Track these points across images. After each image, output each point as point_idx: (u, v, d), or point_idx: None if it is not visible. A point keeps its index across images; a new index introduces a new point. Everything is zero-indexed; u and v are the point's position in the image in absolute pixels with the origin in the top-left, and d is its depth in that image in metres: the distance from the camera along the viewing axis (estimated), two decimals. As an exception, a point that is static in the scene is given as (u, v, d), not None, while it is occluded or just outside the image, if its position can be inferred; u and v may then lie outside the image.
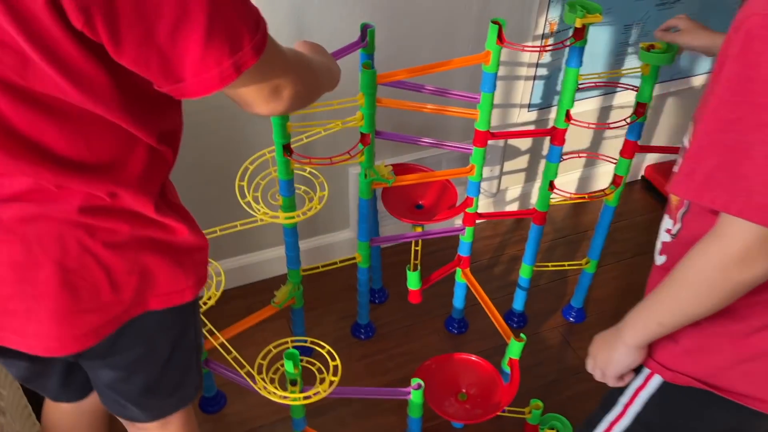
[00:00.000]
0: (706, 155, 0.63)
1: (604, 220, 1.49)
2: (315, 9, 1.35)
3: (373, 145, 1.23)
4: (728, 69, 0.61)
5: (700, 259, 0.66)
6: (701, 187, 0.63)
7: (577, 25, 1.14)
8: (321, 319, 1.69)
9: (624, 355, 0.79)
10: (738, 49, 0.60)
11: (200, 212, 1.56)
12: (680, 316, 0.71)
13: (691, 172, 0.64)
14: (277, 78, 0.67)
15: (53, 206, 0.66)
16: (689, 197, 0.66)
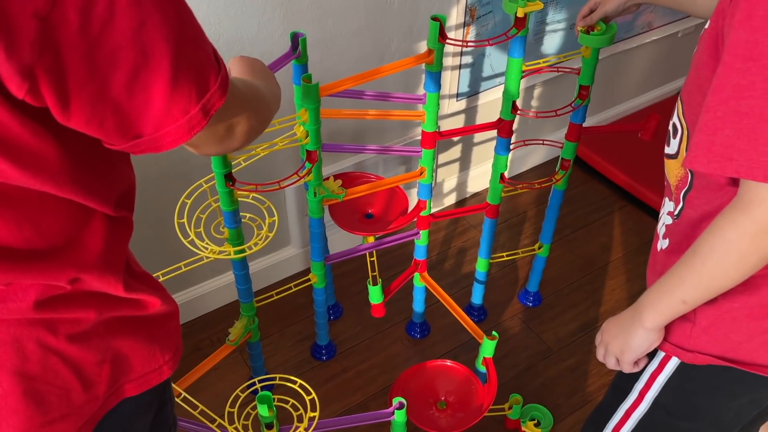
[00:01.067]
0: (722, 125, 0.61)
1: (554, 204, 1.49)
2: (231, 19, 1.24)
3: (320, 161, 1.14)
4: (733, 36, 0.60)
5: (727, 229, 0.64)
6: (721, 158, 0.61)
7: (518, 15, 1.10)
8: (277, 345, 1.59)
9: (643, 339, 0.77)
10: (742, 16, 0.59)
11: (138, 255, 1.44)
12: (704, 291, 0.70)
13: (709, 143, 0.62)
14: (232, 116, 0.58)
15: (3, 307, 0.54)
16: (710, 170, 0.63)
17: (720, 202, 0.70)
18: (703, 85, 0.66)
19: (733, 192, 0.67)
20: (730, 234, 0.64)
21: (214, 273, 1.62)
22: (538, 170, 2.11)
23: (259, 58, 1.30)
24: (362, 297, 1.69)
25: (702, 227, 0.72)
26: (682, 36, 2.15)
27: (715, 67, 0.63)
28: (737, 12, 0.60)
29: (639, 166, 2.00)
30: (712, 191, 0.71)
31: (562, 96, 1.94)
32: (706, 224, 0.71)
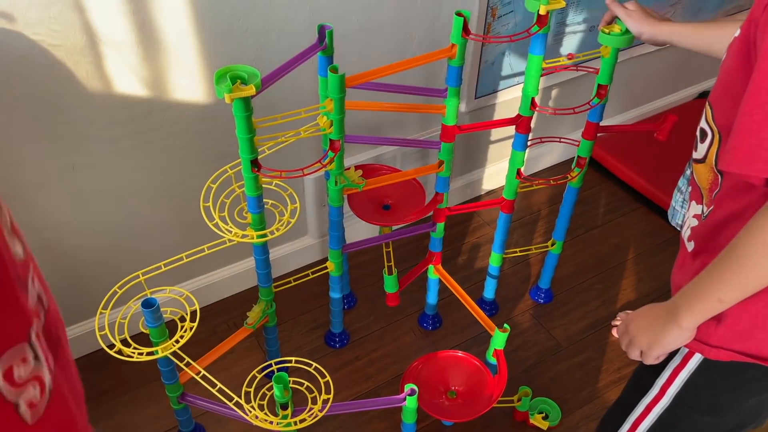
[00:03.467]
0: (758, 128, 0.63)
1: (568, 201, 1.50)
2: (258, 12, 1.27)
3: (343, 151, 1.17)
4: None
5: (765, 229, 0.66)
6: (759, 160, 0.64)
7: (541, 12, 1.13)
8: (292, 332, 1.63)
9: (676, 336, 0.78)
10: None
11: (161, 239, 1.48)
12: (742, 290, 0.71)
13: (748, 146, 0.64)
14: None
15: None
16: (748, 171, 0.65)
17: (747, 201, 0.72)
18: (735, 91, 0.68)
19: (762, 191, 0.69)
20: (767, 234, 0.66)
21: (232, 259, 1.65)
22: (555, 169, 2.13)
23: (285, 50, 1.34)
24: (376, 288, 1.72)
25: (729, 228, 0.75)
26: (701, 41, 2.16)
27: (747, 73, 0.65)
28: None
29: (653, 169, 2.01)
30: (741, 192, 0.73)
31: (581, 97, 1.95)
32: (733, 224, 0.73)
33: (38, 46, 1.10)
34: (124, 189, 1.36)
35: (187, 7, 1.19)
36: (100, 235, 1.40)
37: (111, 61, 1.18)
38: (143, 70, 1.22)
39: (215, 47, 1.27)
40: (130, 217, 1.41)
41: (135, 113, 1.27)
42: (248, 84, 0.96)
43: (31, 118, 1.17)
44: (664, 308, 0.80)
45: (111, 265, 1.44)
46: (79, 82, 1.18)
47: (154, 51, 1.21)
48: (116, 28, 1.15)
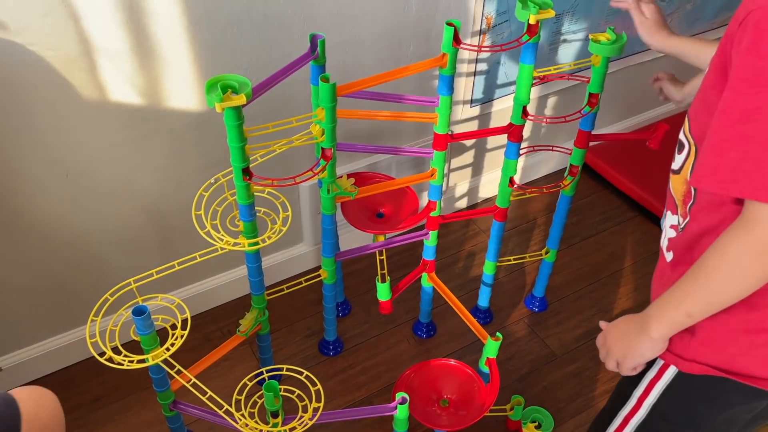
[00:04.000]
0: (729, 147, 0.64)
1: (561, 209, 1.51)
2: (252, 22, 1.28)
3: (335, 159, 1.18)
4: (741, 62, 0.63)
5: (731, 247, 0.67)
6: (727, 179, 0.64)
7: (531, 22, 1.13)
8: (285, 339, 1.63)
9: (648, 347, 0.79)
10: (749, 41, 0.62)
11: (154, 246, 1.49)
12: (709, 305, 0.72)
13: (715, 165, 0.65)
14: None
15: None
16: (716, 190, 0.66)
17: (722, 216, 0.72)
18: (710, 105, 0.69)
19: (734, 207, 0.70)
20: (734, 252, 0.67)
21: (225, 267, 1.66)
22: (551, 177, 2.13)
23: (279, 59, 1.35)
24: (370, 296, 1.73)
25: (704, 241, 0.75)
26: (697, 50, 2.16)
27: (722, 88, 0.66)
28: (744, 38, 0.62)
29: (650, 177, 2.02)
30: (714, 206, 0.73)
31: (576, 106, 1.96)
32: (708, 238, 0.73)
33: (33, 54, 1.11)
34: (117, 196, 1.37)
35: (181, 16, 1.20)
36: (92, 242, 1.40)
37: (105, 70, 1.19)
38: (137, 78, 1.23)
39: (208, 56, 1.28)
40: (123, 224, 1.42)
41: (129, 121, 1.28)
42: (239, 93, 0.97)
43: (25, 125, 1.18)
44: (637, 319, 0.81)
45: (103, 272, 1.44)
46: (74, 90, 1.18)
47: (149, 59, 1.22)
48: (110, 36, 1.16)
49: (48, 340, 1.50)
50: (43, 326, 1.48)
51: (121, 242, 1.44)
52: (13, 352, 1.47)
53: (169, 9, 1.18)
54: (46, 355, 1.50)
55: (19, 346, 1.47)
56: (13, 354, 1.47)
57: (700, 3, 2.02)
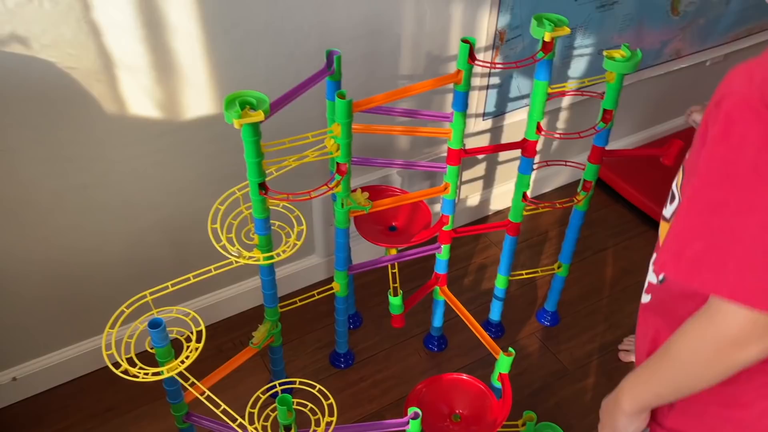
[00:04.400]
0: (693, 237, 0.62)
1: (574, 224, 1.51)
2: (269, 38, 1.29)
3: (349, 174, 1.19)
4: (711, 150, 0.61)
5: (694, 339, 0.66)
6: (690, 269, 0.63)
7: (546, 39, 1.14)
8: (297, 351, 1.63)
9: (626, 422, 0.79)
10: (720, 130, 0.60)
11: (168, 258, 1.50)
12: (677, 390, 0.72)
13: (679, 252, 0.63)
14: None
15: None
16: (678, 279, 0.65)
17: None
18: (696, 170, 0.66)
19: None
20: (697, 343, 0.66)
21: (237, 278, 1.67)
22: (562, 191, 2.13)
23: (295, 73, 1.36)
24: (382, 308, 1.73)
25: (681, 303, 0.73)
26: (710, 64, 2.17)
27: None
28: (716, 125, 0.60)
29: (661, 191, 2.01)
30: None
31: (587, 119, 1.96)
32: (686, 302, 0.71)
33: (55, 69, 1.13)
34: (133, 208, 1.38)
35: (200, 32, 1.21)
36: (109, 253, 1.41)
37: (125, 84, 1.20)
38: (156, 92, 1.24)
39: (226, 71, 1.29)
40: (139, 236, 1.43)
41: (147, 134, 1.29)
42: (257, 109, 0.98)
43: (45, 138, 1.20)
44: (614, 393, 0.81)
45: (119, 283, 1.45)
46: (94, 103, 1.20)
47: (167, 74, 1.23)
48: (130, 51, 1.17)
49: (61, 350, 1.51)
50: (56, 336, 1.49)
51: (135, 254, 1.45)
52: (27, 362, 1.48)
53: (189, 25, 1.20)
54: (59, 365, 1.51)
55: (33, 355, 1.48)
56: (27, 363, 1.48)
57: (713, 18, 2.02)
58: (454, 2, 1.48)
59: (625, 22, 1.82)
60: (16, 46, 1.07)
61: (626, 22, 1.82)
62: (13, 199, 1.24)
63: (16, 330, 1.42)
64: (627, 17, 1.81)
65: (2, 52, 1.07)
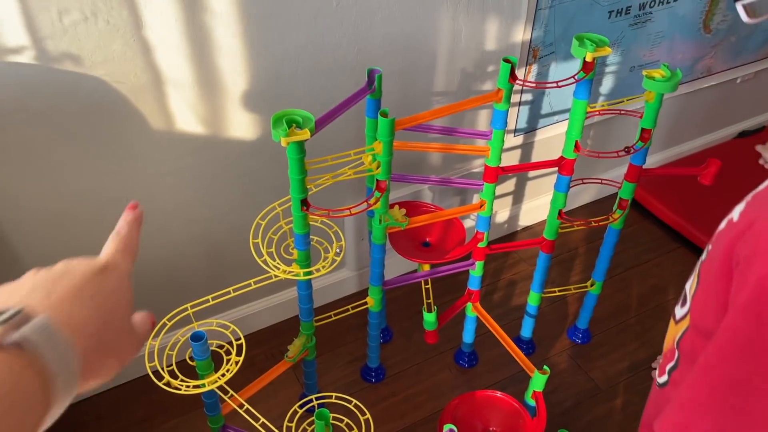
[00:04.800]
0: (703, 413, 0.56)
1: (609, 242, 1.50)
2: (309, 54, 1.31)
3: (389, 190, 1.20)
4: (736, 321, 0.54)
5: None
6: None
7: (587, 59, 1.14)
8: (328, 365, 1.64)
9: None
10: (749, 301, 0.52)
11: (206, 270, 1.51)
12: None
13: (685, 427, 0.57)
14: None
15: None
16: None
17: None
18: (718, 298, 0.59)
19: None
20: None
21: (269, 292, 1.68)
22: (590, 208, 2.12)
23: (332, 89, 1.38)
24: (412, 322, 1.73)
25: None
26: (741, 82, 2.16)
27: (725, 288, 0.57)
28: (745, 288, 0.53)
29: (692, 208, 2.00)
30: None
31: (615, 134, 1.96)
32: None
33: (105, 85, 1.15)
34: (173, 221, 1.40)
35: (243, 48, 1.24)
36: (149, 266, 1.43)
37: (170, 99, 1.23)
38: (199, 107, 1.27)
39: (267, 87, 1.31)
40: (178, 249, 1.45)
41: (189, 148, 1.31)
42: (303, 128, 0.99)
43: (90, 153, 1.22)
44: None
45: (159, 295, 1.47)
46: (138, 118, 1.22)
47: (210, 90, 1.26)
48: (176, 67, 1.20)
49: (98, 359, 1.53)
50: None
51: (174, 266, 1.47)
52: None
53: (232, 42, 1.22)
54: (95, 374, 1.52)
55: (70, 364, 1.50)
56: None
57: (744, 35, 2.01)
58: (489, 19, 1.50)
59: (657, 39, 1.82)
60: (67, 63, 1.10)
61: (658, 39, 1.82)
62: (59, 213, 1.26)
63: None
64: (659, 34, 1.81)
65: (54, 69, 1.10)
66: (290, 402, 1.51)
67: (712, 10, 1.87)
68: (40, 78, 1.10)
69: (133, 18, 1.11)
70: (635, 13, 1.71)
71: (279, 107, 1.10)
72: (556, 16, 1.58)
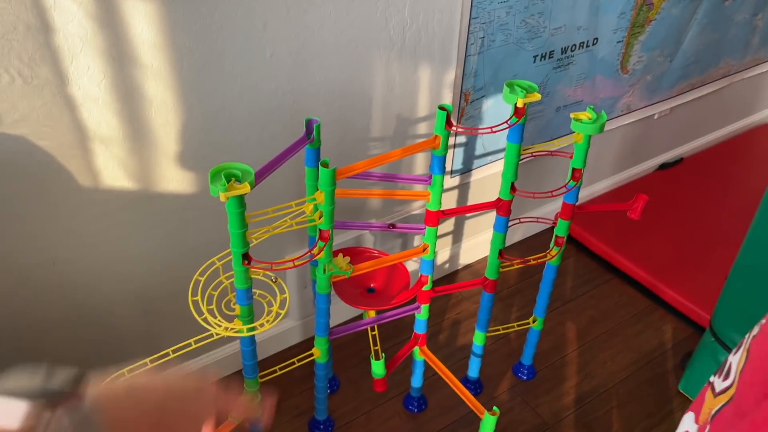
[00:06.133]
0: None
1: (548, 278, 1.54)
2: (244, 104, 1.30)
3: (332, 239, 1.18)
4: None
5: None
6: None
7: (518, 105, 1.18)
8: (274, 419, 1.58)
9: None
10: None
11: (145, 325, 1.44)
12: None
13: None
14: None
15: None
16: None
17: None
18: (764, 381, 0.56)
19: None
20: None
21: (208, 348, 1.62)
22: (524, 244, 2.17)
23: (269, 139, 1.37)
24: (359, 370, 1.70)
25: None
26: (658, 117, 2.29)
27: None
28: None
29: (622, 240, 2.08)
30: None
31: (547, 173, 2.03)
32: None
33: (28, 144, 1.10)
34: (106, 282, 1.33)
35: (176, 102, 1.21)
36: (80, 327, 1.36)
37: (98, 156, 1.18)
38: (131, 162, 1.22)
39: (201, 137, 1.28)
40: (112, 308, 1.38)
41: (119, 205, 1.26)
42: (242, 181, 0.97)
43: (13, 214, 1.16)
44: None
45: (95, 357, 1.39)
46: (66, 176, 1.17)
47: (141, 144, 1.22)
48: (104, 123, 1.16)
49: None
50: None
51: (108, 325, 1.40)
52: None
53: (164, 96, 1.19)
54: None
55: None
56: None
57: (659, 74, 2.14)
58: (421, 66, 1.53)
59: (579, 79, 1.91)
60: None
61: (581, 80, 1.91)
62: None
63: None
64: (581, 76, 1.91)
65: (-28, 128, 1.04)
66: (236, 463, 1.44)
67: (628, 52, 1.98)
68: (-43, 138, 1.04)
69: (57, 75, 1.07)
70: (558, 56, 1.80)
71: (214, 159, 1.08)
72: (485, 61, 1.64)
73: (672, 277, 1.96)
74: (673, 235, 2.15)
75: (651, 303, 1.97)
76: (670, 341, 1.85)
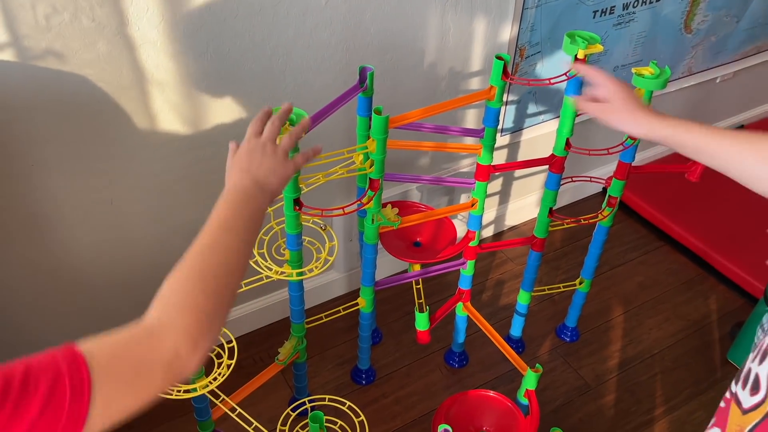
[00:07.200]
0: None
1: (598, 240, 1.51)
2: (299, 51, 1.30)
3: (381, 189, 1.18)
4: None
5: None
6: None
7: (579, 56, 1.15)
8: (318, 367, 1.62)
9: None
10: None
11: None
12: None
13: None
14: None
15: None
16: None
17: None
18: None
19: None
20: None
21: (255, 295, 1.65)
22: (573, 207, 2.13)
23: (321, 88, 1.36)
24: (401, 323, 1.72)
25: None
26: (720, 81, 2.19)
27: None
28: None
29: (676, 206, 2.02)
30: None
31: (601, 133, 1.97)
32: None
33: (89, 84, 1.12)
34: (160, 223, 1.37)
35: (231, 48, 1.21)
36: (135, 269, 1.40)
37: (154, 99, 1.20)
38: (184, 108, 1.24)
39: (254, 85, 1.29)
40: (166, 251, 1.42)
41: (174, 149, 1.28)
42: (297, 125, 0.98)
43: (74, 153, 1.19)
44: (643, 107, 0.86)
45: (146, 299, 1.44)
46: (124, 117, 1.20)
47: (196, 89, 1.23)
48: (161, 67, 1.17)
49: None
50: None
51: (161, 266, 1.44)
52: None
53: (219, 40, 1.20)
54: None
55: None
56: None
57: (723, 36, 2.04)
58: (476, 18, 1.49)
59: (639, 39, 1.84)
60: (51, 61, 1.07)
61: (641, 39, 1.84)
62: (41, 214, 1.23)
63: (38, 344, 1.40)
64: (642, 35, 1.83)
65: (37, 67, 1.06)
66: (279, 406, 1.49)
67: (693, 10, 1.89)
68: (23, 76, 1.07)
69: (118, 15, 1.08)
70: (619, 12, 1.73)
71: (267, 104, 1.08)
72: (543, 15, 1.59)
73: (725, 246, 1.90)
74: (727, 204, 2.08)
75: (702, 271, 1.91)
76: (720, 310, 1.81)
